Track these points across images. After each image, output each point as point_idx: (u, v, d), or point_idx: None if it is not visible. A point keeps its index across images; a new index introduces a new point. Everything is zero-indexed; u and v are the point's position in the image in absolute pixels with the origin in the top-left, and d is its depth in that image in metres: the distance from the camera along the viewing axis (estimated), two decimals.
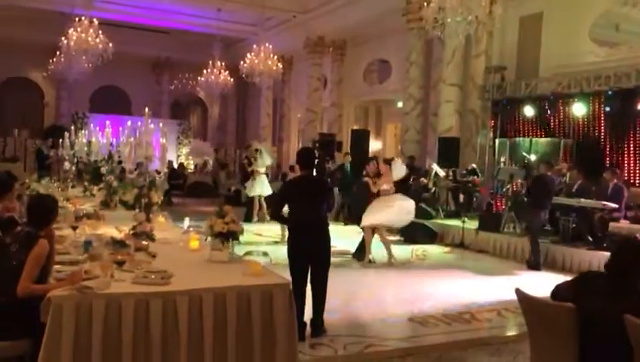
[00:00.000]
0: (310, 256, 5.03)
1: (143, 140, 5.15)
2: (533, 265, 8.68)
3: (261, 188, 12.27)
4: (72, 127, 12.50)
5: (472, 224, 10.74)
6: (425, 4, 10.17)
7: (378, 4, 15.12)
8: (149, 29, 21.57)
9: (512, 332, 5.65)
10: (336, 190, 11.88)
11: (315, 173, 5.51)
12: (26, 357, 3.24)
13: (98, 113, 21.58)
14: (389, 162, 8.94)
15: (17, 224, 4.15)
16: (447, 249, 10.37)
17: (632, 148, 10.41)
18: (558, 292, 3.32)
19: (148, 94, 24.32)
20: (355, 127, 18.43)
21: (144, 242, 4.60)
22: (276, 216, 5.78)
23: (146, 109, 5.46)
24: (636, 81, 10.12)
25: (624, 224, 8.55)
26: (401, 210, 8.58)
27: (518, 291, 3.46)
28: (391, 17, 15.10)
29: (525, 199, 9.50)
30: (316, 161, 5.55)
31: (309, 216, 5.05)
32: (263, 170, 12.42)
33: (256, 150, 12.58)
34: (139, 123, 5.37)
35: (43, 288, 3.27)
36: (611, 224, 8.49)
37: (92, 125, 10.79)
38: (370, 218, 8.44)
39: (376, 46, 18.40)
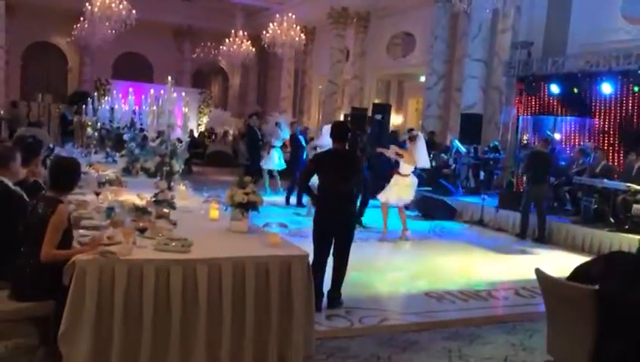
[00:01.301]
0: (335, 229, 5.10)
1: (166, 108, 5.16)
2: (536, 238, 9.04)
3: (274, 161, 12.16)
4: (95, 94, 12.54)
5: (492, 201, 10.67)
6: None
7: None
8: None
9: (528, 311, 5.64)
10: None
11: (347, 147, 5.54)
12: (50, 317, 3.32)
13: (120, 80, 21.67)
14: (412, 138, 8.81)
15: (42, 189, 4.21)
16: (465, 226, 10.33)
17: None
18: (579, 272, 3.29)
19: (170, 62, 24.34)
20: (377, 101, 18.26)
21: (165, 210, 4.65)
22: (304, 187, 5.83)
23: (169, 78, 5.45)
24: None
25: None
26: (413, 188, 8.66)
27: (538, 271, 3.44)
28: None
29: (523, 174, 9.87)
30: (349, 134, 5.56)
31: (338, 189, 5.10)
32: (279, 143, 12.32)
33: (276, 123, 12.49)
34: (161, 91, 5.37)
35: (65, 253, 3.33)
36: (635, 206, 8.35)
37: (114, 92, 10.82)
38: (389, 195, 8.42)
39: (400, 19, 18.09)
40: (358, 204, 8.66)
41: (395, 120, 18.57)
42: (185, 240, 3.65)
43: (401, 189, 8.39)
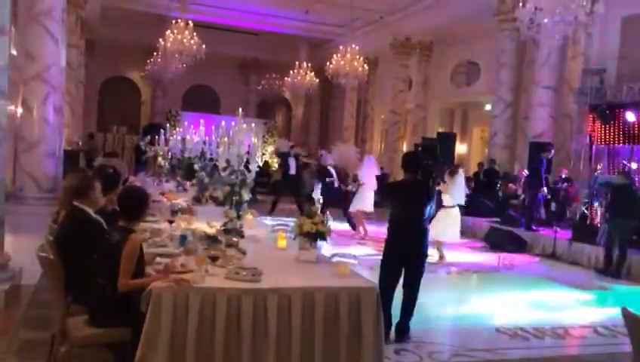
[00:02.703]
0: (406, 260, 5.07)
1: (236, 139, 5.28)
2: (613, 273, 8.55)
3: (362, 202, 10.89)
4: (167, 125, 13.07)
5: (564, 234, 10.22)
6: (520, 4, 9.78)
7: (467, 4, 14.74)
8: (239, 30, 22.23)
9: (609, 351, 5.31)
10: None
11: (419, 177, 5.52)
12: (127, 343, 3.41)
13: (190, 111, 22.51)
14: (453, 171, 8.84)
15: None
16: (537, 259, 9.92)
17: None
18: None
19: (236, 93, 25.10)
20: (441, 130, 18.06)
21: (234, 238, 4.73)
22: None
23: (240, 110, 5.60)
24: None
25: None
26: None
27: (624, 310, 3.24)
28: (480, 18, 14.67)
29: (606, 209, 9.38)
30: (421, 164, 5.56)
31: (410, 219, 5.09)
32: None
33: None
34: (232, 123, 5.52)
35: (140, 282, 3.42)
36: None
37: (185, 123, 11.24)
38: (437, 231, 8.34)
39: (464, 47, 17.94)
40: None
41: (460, 149, 18.27)
42: (255, 270, 3.69)
43: (447, 223, 8.60)
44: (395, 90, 19.52)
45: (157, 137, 10.42)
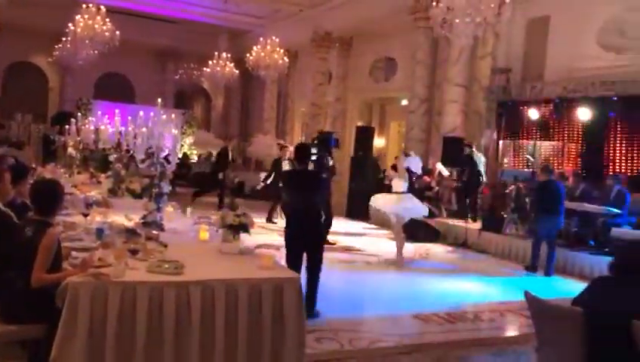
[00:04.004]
0: (304, 243, 5.39)
1: (156, 131, 5.17)
2: (529, 267, 8.59)
3: None
4: (79, 114, 12.47)
5: (475, 224, 10.81)
6: (433, 3, 10.16)
7: (385, 2, 15.11)
8: (156, 17, 21.51)
9: (514, 333, 5.70)
10: None
11: (314, 168, 5.83)
12: (42, 341, 3.28)
13: (102, 100, 21.57)
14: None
15: (30, 209, 4.18)
16: (450, 248, 10.42)
17: (635, 155, 10.45)
18: (576, 298, 3.35)
19: (152, 82, 24.30)
20: (360, 124, 18.43)
21: (154, 231, 4.64)
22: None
23: (159, 100, 5.48)
24: None
25: (627, 229, 8.59)
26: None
27: (527, 294, 3.50)
28: (398, 16, 15.08)
29: (529, 206, 9.53)
30: (313, 156, 5.89)
31: (302, 207, 5.45)
32: None
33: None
34: (151, 113, 5.39)
35: (56, 277, 3.31)
36: (613, 229, 8.53)
37: (99, 112, 10.79)
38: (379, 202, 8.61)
39: (382, 43, 18.37)
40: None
41: (378, 142, 18.74)
42: (177, 262, 3.65)
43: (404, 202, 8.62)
44: (315, 83, 19.68)
45: (67, 127, 9.93)
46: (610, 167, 10.61)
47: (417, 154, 13.33)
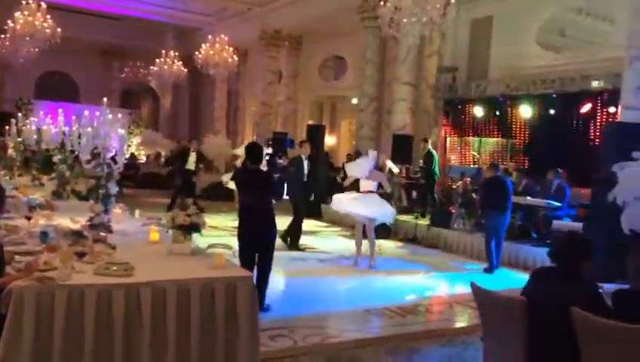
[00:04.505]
0: (256, 241, 5.41)
1: (101, 130, 5.05)
2: (487, 269, 8.34)
3: None
4: (20, 114, 12.00)
5: (425, 220, 11.05)
6: (381, 2, 10.31)
7: (333, 0, 15.22)
8: (99, 14, 20.91)
9: (462, 324, 5.88)
10: None
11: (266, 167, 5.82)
12: None
13: (44, 99, 20.81)
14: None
15: None
16: (400, 244, 10.61)
17: (574, 150, 10.91)
18: (523, 289, 3.49)
19: (97, 81, 23.65)
20: (310, 122, 18.51)
21: (102, 233, 4.54)
22: None
23: (104, 99, 5.35)
24: (579, 86, 10.63)
25: (566, 222, 8.97)
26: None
27: (472, 284, 3.62)
28: (346, 15, 15.21)
29: (477, 203, 9.59)
30: (266, 156, 5.89)
31: (254, 207, 5.49)
32: None
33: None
34: (97, 113, 5.25)
35: (0, 282, 3.19)
36: (554, 221, 8.90)
37: (40, 112, 10.42)
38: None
39: (332, 42, 18.50)
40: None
41: (329, 141, 18.87)
42: (127, 264, 3.58)
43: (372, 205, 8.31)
44: (265, 82, 19.62)
45: (7, 127, 9.55)
46: (552, 162, 11.04)
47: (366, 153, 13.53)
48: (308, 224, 12.31)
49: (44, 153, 8.26)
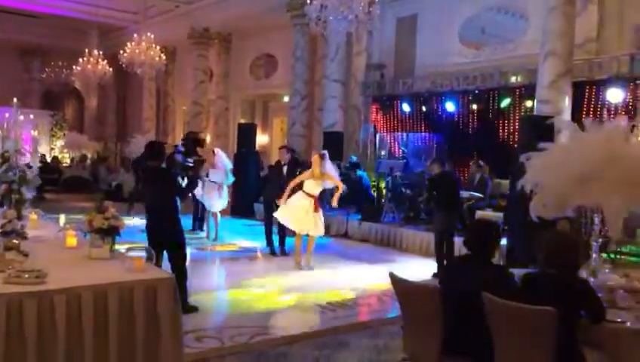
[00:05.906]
0: (158, 239, 5.42)
1: (12, 133, 4.82)
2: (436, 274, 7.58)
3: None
4: None
5: (355, 215, 11.25)
6: (307, 0, 10.37)
7: None
8: (15, 12, 19.83)
9: (389, 315, 6.02)
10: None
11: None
12: None
13: None
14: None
15: None
16: (331, 239, 10.73)
17: (495, 143, 11.41)
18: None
19: (15, 82, 22.37)
20: (242, 121, 18.38)
21: (15, 241, 4.33)
22: None
23: (15, 100, 5.11)
24: (499, 82, 11.12)
25: (488, 212, 9.37)
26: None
27: (391, 274, 3.73)
28: (275, 13, 15.21)
29: (428, 201, 9.22)
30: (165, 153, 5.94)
31: (155, 206, 5.53)
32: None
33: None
34: (6, 114, 5.01)
35: None
36: (477, 212, 9.27)
37: None
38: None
39: (262, 40, 18.43)
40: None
41: (261, 139, 18.81)
42: (39, 271, 3.45)
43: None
44: (196, 81, 19.27)
45: None
46: (475, 155, 11.49)
47: (299, 149, 13.61)
48: (239, 222, 12.31)
49: None
